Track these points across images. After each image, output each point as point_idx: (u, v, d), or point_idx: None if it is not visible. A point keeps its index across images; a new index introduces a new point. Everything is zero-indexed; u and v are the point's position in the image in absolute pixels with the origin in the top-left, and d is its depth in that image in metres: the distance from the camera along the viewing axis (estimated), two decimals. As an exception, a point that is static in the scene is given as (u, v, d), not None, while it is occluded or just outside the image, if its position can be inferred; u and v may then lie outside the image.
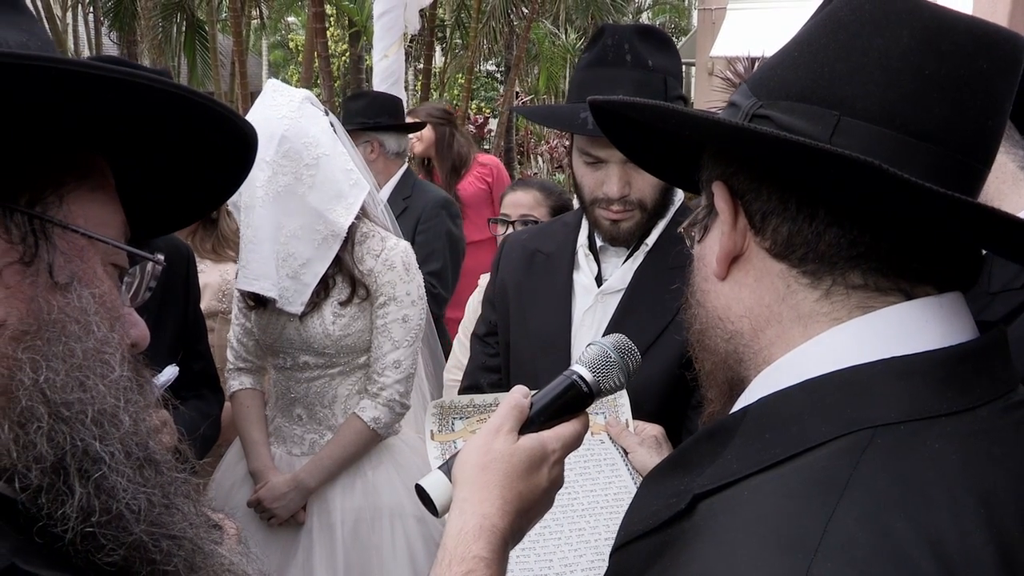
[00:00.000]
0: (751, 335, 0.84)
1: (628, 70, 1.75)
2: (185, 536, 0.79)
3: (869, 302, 0.78)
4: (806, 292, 0.80)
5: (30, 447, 0.72)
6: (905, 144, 0.76)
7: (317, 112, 2.34)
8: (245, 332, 2.48)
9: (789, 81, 0.81)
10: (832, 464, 0.70)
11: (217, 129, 0.85)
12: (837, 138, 0.76)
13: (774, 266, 0.82)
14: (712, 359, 0.90)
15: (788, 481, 0.71)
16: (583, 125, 1.72)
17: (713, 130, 0.82)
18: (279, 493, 2.32)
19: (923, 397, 0.73)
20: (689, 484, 0.78)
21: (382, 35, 5.05)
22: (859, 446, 0.71)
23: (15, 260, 0.74)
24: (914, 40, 0.76)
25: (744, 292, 0.84)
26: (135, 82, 0.73)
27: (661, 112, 0.88)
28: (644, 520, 0.82)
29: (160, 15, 13.95)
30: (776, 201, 0.80)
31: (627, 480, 1.59)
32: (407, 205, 3.60)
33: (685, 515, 0.76)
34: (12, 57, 0.69)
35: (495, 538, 0.93)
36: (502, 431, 1.00)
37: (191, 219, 1.06)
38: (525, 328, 1.94)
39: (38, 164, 0.78)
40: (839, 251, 0.78)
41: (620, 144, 1.11)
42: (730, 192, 0.84)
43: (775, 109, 0.80)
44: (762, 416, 0.79)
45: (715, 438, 0.81)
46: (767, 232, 0.81)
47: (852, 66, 0.77)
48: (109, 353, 0.78)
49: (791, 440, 0.74)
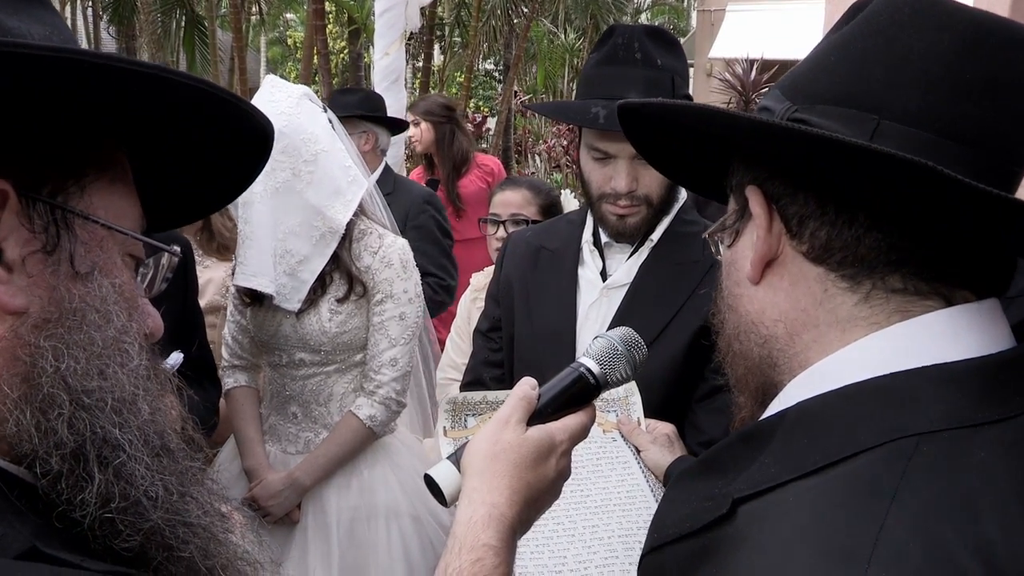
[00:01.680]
0: (786, 339, 0.84)
1: (638, 68, 1.78)
2: (200, 523, 0.79)
3: (908, 306, 0.78)
4: (844, 296, 0.80)
5: (51, 433, 0.72)
6: (945, 147, 0.75)
7: (316, 108, 2.33)
8: (240, 329, 2.47)
9: (825, 85, 0.80)
10: (879, 472, 0.70)
11: (235, 124, 0.86)
12: (877, 141, 0.75)
13: (811, 270, 0.81)
14: (745, 363, 0.90)
15: (834, 489, 0.71)
16: (595, 120, 1.75)
17: (760, 131, 0.81)
18: (274, 491, 2.31)
19: (965, 406, 0.73)
20: (725, 488, 0.78)
21: (383, 33, 5.05)
22: (904, 454, 0.70)
23: (37, 249, 0.75)
24: (955, 43, 0.75)
25: (779, 296, 0.84)
26: (159, 76, 0.74)
27: (704, 114, 0.87)
28: (679, 523, 0.82)
29: (159, 10, 13.91)
30: (814, 205, 0.80)
31: (639, 478, 1.60)
32: (390, 202, 3.64)
33: (726, 520, 0.76)
34: (37, 49, 0.69)
35: (504, 527, 0.94)
36: (510, 422, 1.02)
37: (204, 212, 1.08)
38: (530, 323, 1.96)
39: (61, 155, 0.78)
40: (879, 255, 0.77)
41: (641, 148, 1.10)
42: (765, 196, 0.83)
43: (811, 113, 0.80)
44: (800, 421, 0.78)
45: (750, 442, 0.81)
46: (804, 236, 0.81)
47: (891, 70, 0.77)
48: (128, 342, 0.79)
49: (832, 446, 0.73)
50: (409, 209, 3.66)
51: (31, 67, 0.69)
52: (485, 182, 4.87)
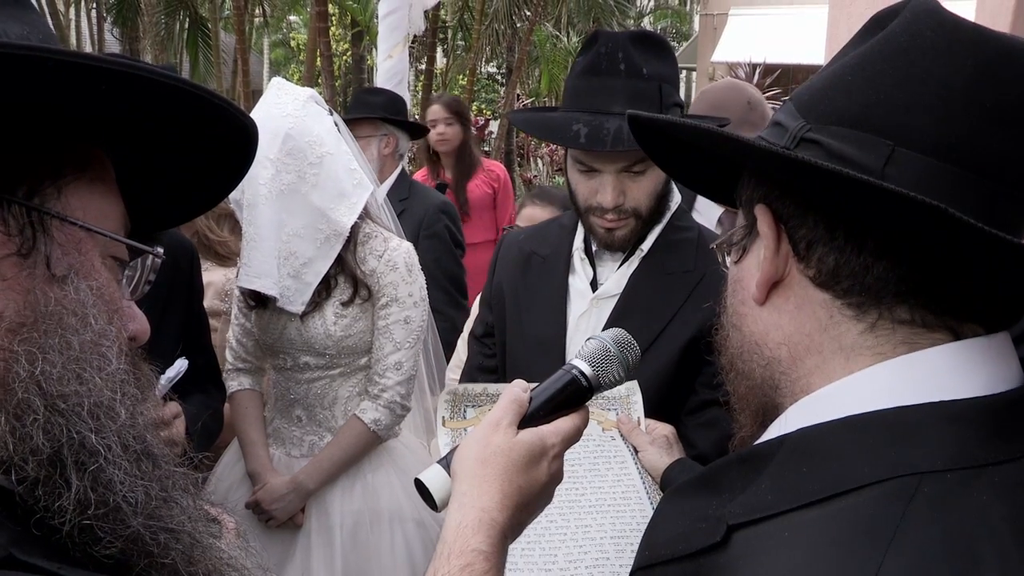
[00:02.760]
0: (789, 363, 0.83)
1: (622, 79, 1.72)
2: (183, 529, 0.78)
3: (915, 339, 0.77)
4: (850, 324, 0.78)
5: (26, 439, 0.71)
6: (961, 179, 0.73)
7: (321, 111, 2.33)
8: (245, 332, 2.47)
9: (841, 106, 0.79)
10: (878, 512, 0.68)
11: (217, 123, 0.85)
12: (890, 168, 0.74)
13: (817, 295, 0.80)
14: (746, 383, 0.89)
15: (832, 525, 0.69)
16: (576, 138, 1.70)
17: (767, 159, 0.80)
18: (278, 495, 2.31)
19: (970, 445, 0.71)
20: (719, 510, 0.77)
21: (387, 35, 5.06)
22: (906, 494, 0.69)
23: (12, 252, 0.74)
24: (976, 71, 0.73)
25: (784, 319, 0.83)
26: (134, 74, 0.73)
27: (714, 137, 0.86)
28: (672, 543, 0.81)
29: (163, 12, 13.96)
30: (823, 230, 0.78)
31: (635, 479, 1.59)
32: (405, 207, 3.61)
33: (720, 547, 0.74)
34: (11, 48, 0.68)
35: (494, 532, 0.93)
36: (501, 425, 1.00)
37: (194, 213, 1.06)
38: (521, 331, 1.94)
39: (37, 156, 0.77)
40: (887, 285, 0.76)
41: (655, 156, 1.08)
42: (774, 216, 0.82)
43: (825, 134, 0.78)
44: (800, 448, 0.77)
45: (748, 464, 0.80)
46: (812, 260, 0.79)
47: (909, 95, 0.75)
48: (106, 346, 0.78)
49: (831, 478, 0.72)
50: (424, 217, 3.63)
51: (3, 66, 0.67)
52: (491, 187, 4.89)
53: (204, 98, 0.80)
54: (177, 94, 0.78)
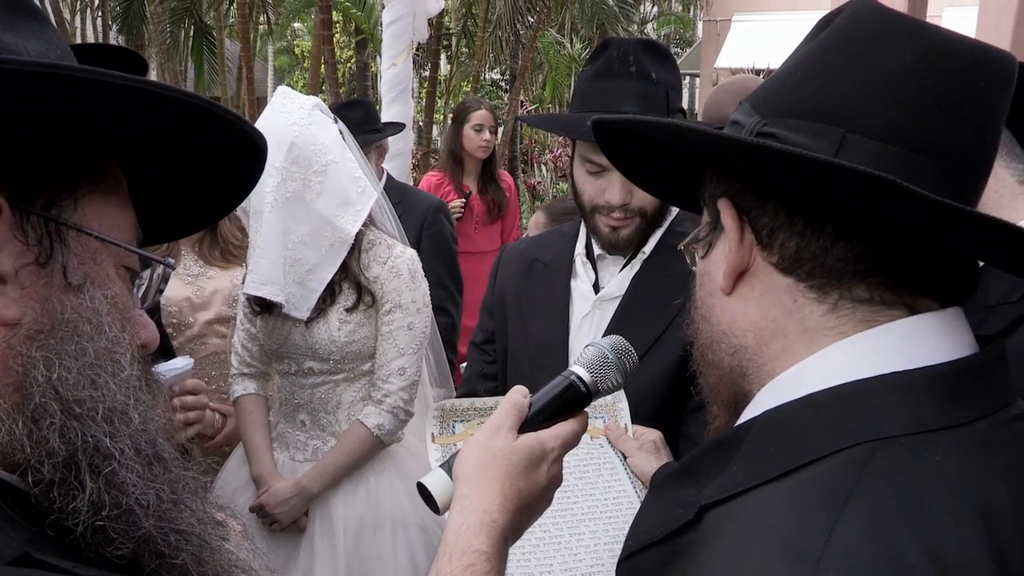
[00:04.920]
0: (755, 349, 0.86)
1: (633, 82, 1.78)
2: (193, 531, 0.80)
3: (874, 316, 0.80)
4: (813, 306, 0.81)
5: (43, 442, 0.73)
6: (909, 159, 0.77)
7: (326, 119, 2.36)
8: (250, 337, 2.49)
9: (793, 99, 0.82)
10: (835, 476, 0.71)
11: (228, 137, 0.87)
12: (843, 154, 0.77)
13: (781, 280, 0.83)
14: (716, 373, 0.91)
15: (792, 493, 0.73)
16: (589, 132, 1.75)
17: (729, 147, 0.84)
18: (282, 499, 2.33)
19: (924, 411, 0.75)
20: (696, 495, 0.79)
21: (391, 43, 5.06)
22: (861, 459, 0.72)
23: (31, 261, 0.76)
24: (917, 59, 0.78)
25: (750, 306, 0.85)
26: (149, 90, 0.75)
27: (674, 130, 0.90)
28: (652, 530, 0.84)
29: (169, 20, 14.00)
30: (783, 217, 0.82)
31: (626, 484, 1.60)
32: (403, 210, 3.65)
33: (692, 525, 0.77)
34: (36, 66, 0.71)
35: (495, 533, 0.95)
36: (502, 430, 1.02)
37: (202, 225, 1.08)
38: (523, 335, 1.96)
39: (55, 168, 0.79)
40: (846, 265, 0.79)
41: (618, 162, 1.12)
42: (736, 209, 0.85)
43: (780, 127, 0.82)
44: (767, 429, 0.80)
45: (721, 450, 0.83)
46: (775, 247, 0.82)
47: (857, 83, 0.79)
48: (120, 353, 0.80)
49: (794, 452, 0.75)
50: (425, 218, 3.69)
51: (24, 83, 0.70)
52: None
53: (217, 114, 0.82)
54: (192, 110, 0.80)
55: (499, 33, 14.31)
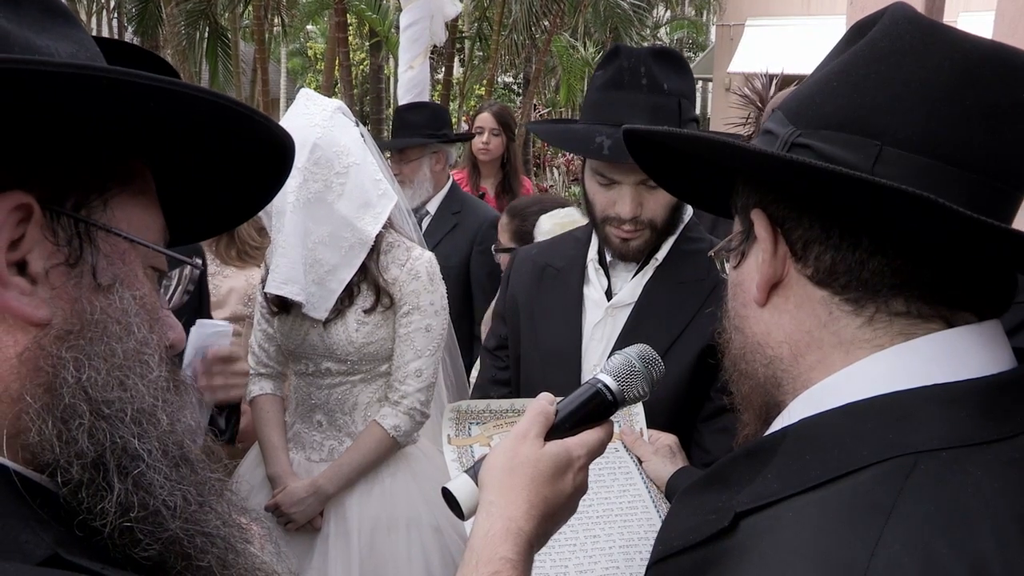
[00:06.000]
0: (791, 360, 0.85)
1: (644, 94, 1.76)
2: (218, 534, 0.80)
3: (911, 329, 0.79)
4: (848, 319, 0.81)
5: (72, 443, 0.73)
6: (946, 173, 0.76)
7: (348, 122, 2.37)
8: (267, 337, 2.50)
9: (829, 111, 0.82)
10: (876, 489, 0.71)
11: (256, 138, 0.87)
12: (879, 167, 0.77)
13: (815, 293, 0.82)
14: (749, 383, 0.91)
15: (832, 504, 0.72)
16: (599, 150, 1.74)
17: (763, 163, 0.83)
18: (297, 498, 2.34)
19: (964, 425, 0.74)
20: (729, 501, 0.79)
21: (408, 46, 5.07)
22: (903, 471, 0.71)
23: (61, 262, 0.76)
24: (955, 70, 0.77)
25: (784, 318, 0.85)
26: (179, 91, 0.75)
27: (708, 144, 0.89)
28: (684, 535, 0.83)
29: (184, 22, 14.09)
30: (818, 229, 0.81)
31: (641, 488, 1.60)
32: (458, 221, 3.62)
33: (727, 533, 0.77)
34: (68, 67, 0.71)
35: (521, 540, 0.95)
36: (529, 437, 1.02)
37: (229, 225, 1.08)
38: (535, 341, 1.96)
39: (84, 169, 0.79)
40: (882, 279, 0.79)
41: (649, 169, 1.11)
42: (770, 220, 0.84)
43: (815, 138, 0.81)
44: (803, 437, 0.79)
45: (754, 457, 0.82)
46: (809, 260, 0.82)
47: (893, 96, 0.78)
48: (148, 354, 0.80)
49: (832, 462, 0.74)
50: (478, 232, 3.62)
51: (54, 84, 0.70)
52: None
53: (247, 115, 0.82)
54: (222, 111, 0.80)
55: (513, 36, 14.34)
